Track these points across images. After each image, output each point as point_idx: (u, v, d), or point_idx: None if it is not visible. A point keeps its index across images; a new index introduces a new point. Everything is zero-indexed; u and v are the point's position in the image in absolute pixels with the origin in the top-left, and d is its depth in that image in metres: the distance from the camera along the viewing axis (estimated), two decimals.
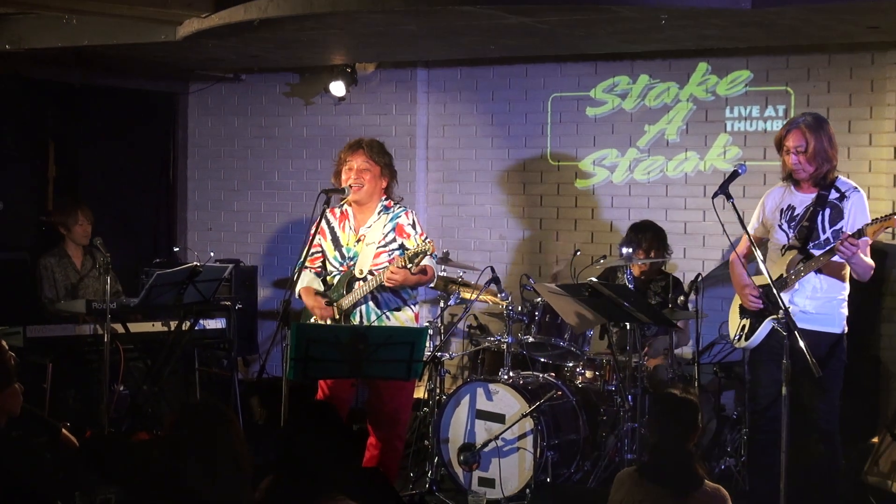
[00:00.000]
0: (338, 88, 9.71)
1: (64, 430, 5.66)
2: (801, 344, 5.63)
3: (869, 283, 8.00)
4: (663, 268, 8.26)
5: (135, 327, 7.93)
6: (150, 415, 7.88)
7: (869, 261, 6.22)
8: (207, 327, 8.26)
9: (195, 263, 8.03)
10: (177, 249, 10.56)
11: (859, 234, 5.99)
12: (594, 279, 6.88)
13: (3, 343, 5.33)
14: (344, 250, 6.76)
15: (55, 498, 3.87)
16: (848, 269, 6.27)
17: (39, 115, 9.96)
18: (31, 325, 7.57)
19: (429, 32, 7.94)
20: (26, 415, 5.37)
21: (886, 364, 8.14)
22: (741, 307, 6.50)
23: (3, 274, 9.12)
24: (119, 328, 7.78)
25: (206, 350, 8.42)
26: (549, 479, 7.07)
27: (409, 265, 6.34)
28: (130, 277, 8.99)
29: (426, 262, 6.52)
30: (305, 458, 4.31)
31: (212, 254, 9.66)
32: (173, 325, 8.02)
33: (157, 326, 8.06)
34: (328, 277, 6.84)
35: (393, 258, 6.54)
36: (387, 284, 6.46)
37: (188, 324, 8.00)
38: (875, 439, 7.47)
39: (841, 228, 6.19)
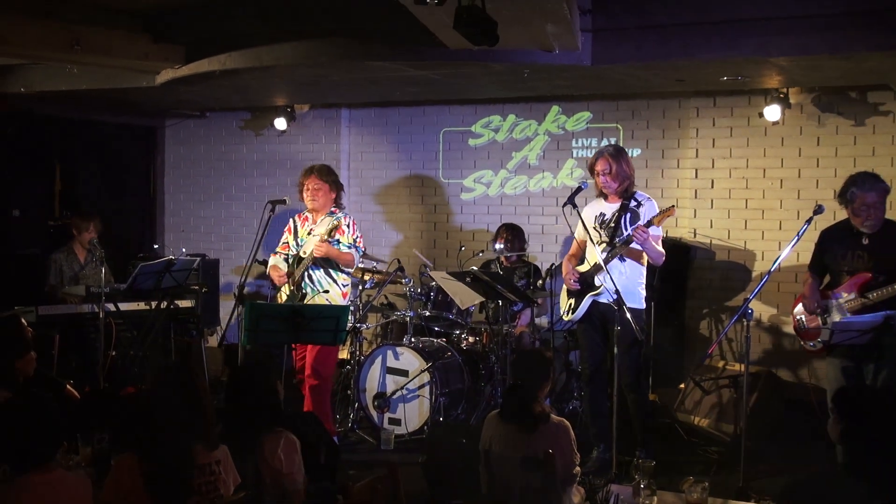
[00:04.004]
0: (280, 123, 9.65)
1: (68, 387, 5.56)
2: (628, 316, 5.73)
3: (679, 270, 8.20)
4: (525, 258, 8.31)
5: (124, 306, 7.78)
6: (136, 374, 7.75)
7: (660, 248, 6.31)
8: (180, 306, 8.11)
9: (171, 257, 7.99)
10: (156, 246, 10.41)
11: (648, 223, 6.15)
12: (475, 268, 6.92)
13: (23, 320, 5.22)
14: (299, 240, 7.01)
15: (61, 440, 3.80)
16: (645, 258, 6.36)
17: (48, 142, 9.74)
18: (42, 305, 7.44)
19: (350, 81, 7.90)
20: (38, 375, 5.27)
21: (690, 329, 8.31)
22: (568, 290, 6.58)
23: (20, 266, 8.95)
24: (111, 307, 7.65)
25: (179, 323, 8.26)
26: (441, 419, 7.09)
27: (327, 238, 6.63)
28: (120, 268, 8.82)
29: (352, 252, 6.81)
30: (248, 403, 4.30)
31: (183, 250, 9.55)
32: (154, 304, 7.90)
33: (142, 306, 7.93)
34: (288, 260, 7.03)
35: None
36: (315, 255, 6.68)
37: (165, 303, 7.88)
38: (682, 385, 7.63)
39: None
